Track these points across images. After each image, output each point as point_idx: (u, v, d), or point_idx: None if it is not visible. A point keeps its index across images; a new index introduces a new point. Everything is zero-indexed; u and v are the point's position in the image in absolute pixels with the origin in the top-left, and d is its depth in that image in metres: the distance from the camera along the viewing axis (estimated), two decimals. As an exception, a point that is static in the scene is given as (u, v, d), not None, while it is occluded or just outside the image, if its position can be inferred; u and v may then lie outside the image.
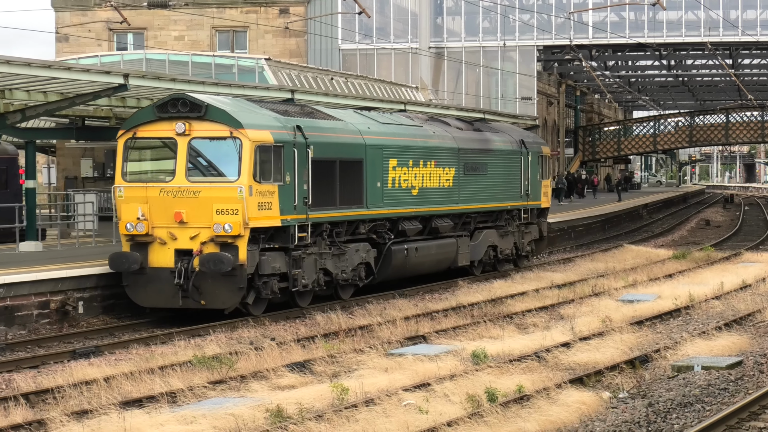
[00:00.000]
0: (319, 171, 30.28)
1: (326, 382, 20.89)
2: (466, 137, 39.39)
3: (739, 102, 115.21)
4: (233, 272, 26.90)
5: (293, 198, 28.94)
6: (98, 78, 31.05)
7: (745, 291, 35.00)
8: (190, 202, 27.26)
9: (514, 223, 42.15)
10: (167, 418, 18.18)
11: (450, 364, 22.65)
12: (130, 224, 27.56)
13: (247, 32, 73.79)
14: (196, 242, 27.21)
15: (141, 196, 27.63)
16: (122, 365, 22.86)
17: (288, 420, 17.78)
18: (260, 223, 27.84)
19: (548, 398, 19.30)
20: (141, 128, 28.11)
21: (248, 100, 31.42)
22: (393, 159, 34.21)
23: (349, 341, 25.98)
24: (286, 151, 28.57)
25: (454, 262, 38.19)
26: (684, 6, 74.50)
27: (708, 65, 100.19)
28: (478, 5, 74.51)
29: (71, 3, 73.74)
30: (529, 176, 42.67)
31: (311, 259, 30.10)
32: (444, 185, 37.21)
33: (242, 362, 23.08)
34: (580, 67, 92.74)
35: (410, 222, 35.50)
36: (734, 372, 22.23)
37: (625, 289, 36.05)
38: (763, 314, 29.70)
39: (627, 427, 17.69)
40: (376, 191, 33.25)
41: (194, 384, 20.74)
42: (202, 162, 27.99)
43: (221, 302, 27.78)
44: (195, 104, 27.40)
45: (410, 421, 17.56)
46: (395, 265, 34.33)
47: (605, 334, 26.38)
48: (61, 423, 17.65)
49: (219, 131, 27.50)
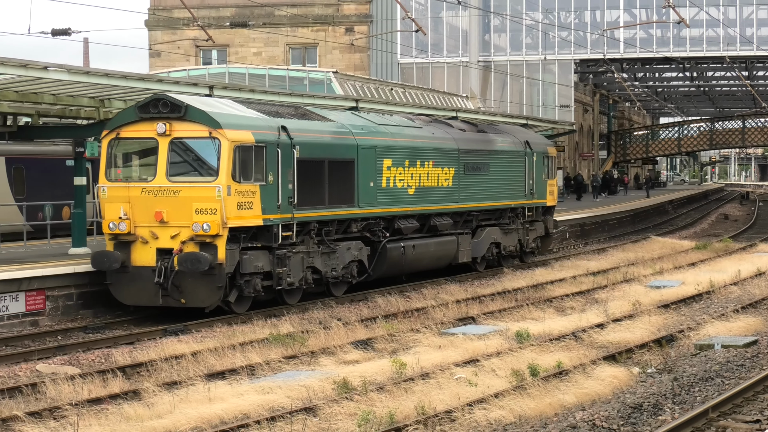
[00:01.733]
0: (305, 170, 27.93)
1: (386, 358, 21.06)
2: (467, 138, 37.04)
3: (754, 109, 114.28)
4: (212, 271, 24.82)
5: (276, 197, 26.71)
6: (186, 89, 30.54)
7: (760, 278, 35.04)
8: (171, 201, 25.21)
9: (519, 221, 39.70)
10: (247, 388, 18.40)
11: (496, 342, 22.76)
12: (112, 223, 25.63)
13: (317, 48, 73.70)
14: (176, 241, 25.14)
15: (123, 196, 25.65)
16: (207, 342, 23.07)
17: (353, 391, 17.93)
18: (240, 223, 25.67)
19: (584, 373, 19.41)
20: (124, 129, 26.14)
21: (236, 101, 28.76)
22: (387, 159, 31.83)
23: (406, 322, 26.07)
24: (268, 151, 26.43)
25: (455, 258, 35.59)
26: (705, 24, 74.25)
27: (726, 77, 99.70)
28: (521, 23, 74.64)
29: (163, 23, 74.03)
30: (534, 175, 40.22)
31: (298, 258, 27.76)
32: (443, 185, 34.81)
33: (312, 340, 23.25)
34: (613, 78, 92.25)
35: (407, 220, 33.00)
36: (750, 350, 22.31)
37: (653, 276, 36.07)
38: (776, 299, 29.53)
39: (654, 399, 17.77)
40: (368, 190, 30.81)
41: (270, 359, 20.96)
42: (182, 162, 25.90)
43: (201, 301, 25.60)
44: (175, 105, 25.43)
45: (461, 393, 17.69)
46: (391, 262, 31.86)
47: (635, 316, 26.42)
48: (154, 393, 17.89)
49: (198, 131, 25.47)
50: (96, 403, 17.54)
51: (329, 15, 75.42)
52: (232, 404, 17.24)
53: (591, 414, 16.88)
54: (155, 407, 17.17)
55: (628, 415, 16.95)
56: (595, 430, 16.08)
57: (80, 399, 17.64)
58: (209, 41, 64.17)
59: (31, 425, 16.02)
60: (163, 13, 73.99)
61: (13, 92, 29.14)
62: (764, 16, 76.02)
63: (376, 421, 15.96)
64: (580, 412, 17.06)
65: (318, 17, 75.29)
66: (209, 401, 17.46)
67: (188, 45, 73.39)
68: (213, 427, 15.97)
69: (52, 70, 26.48)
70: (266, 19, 73.20)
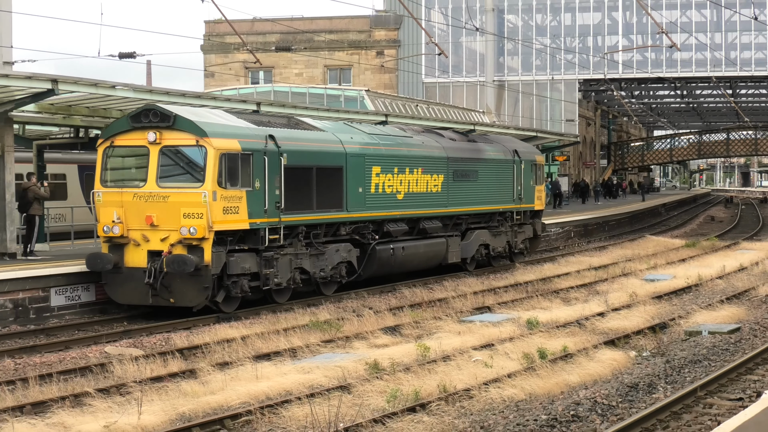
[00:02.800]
0: (293, 177, 26.16)
1: (412, 342, 21.01)
2: (456, 147, 34.74)
3: (737, 123, 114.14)
4: (198, 272, 23.25)
5: (263, 202, 24.94)
6: (237, 105, 30.52)
7: (743, 272, 34.80)
8: (160, 206, 23.62)
9: (507, 224, 37.31)
10: (289, 368, 18.47)
11: (509, 329, 22.71)
12: (107, 227, 24.10)
13: (351, 69, 73.85)
14: (166, 244, 23.50)
15: (117, 201, 24.10)
16: (255, 327, 23.02)
17: (382, 371, 17.93)
18: (226, 227, 23.92)
19: (587, 356, 19.40)
20: (118, 137, 24.56)
21: (226, 111, 27.24)
22: (376, 166, 29.73)
23: (429, 310, 25.95)
24: (255, 159, 24.72)
25: (445, 259, 33.42)
26: (694, 48, 74.12)
27: (713, 94, 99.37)
28: (531, 47, 74.60)
29: (216, 47, 74.29)
30: (522, 182, 37.77)
31: (286, 259, 26.01)
32: (432, 190, 32.55)
33: (347, 326, 23.23)
34: (612, 95, 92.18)
35: (396, 224, 30.91)
36: (734, 336, 22.25)
37: (648, 270, 35.83)
38: (756, 291, 29.53)
39: (649, 379, 17.75)
40: (357, 196, 28.83)
41: (310, 342, 20.92)
42: (171, 168, 24.10)
43: (188, 300, 23.87)
44: (164, 115, 23.93)
45: (478, 373, 17.70)
46: (380, 263, 29.88)
47: (632, 306, 26.33)
48: (208, 372, 17.96)
49: (186, 140, 23.82)
50: (157, 381, 17.64)
51: (362, 40, 75.52)
52: (276, 382, 17.27)
53: (593, 392, 16.86)
54: (209, 385, 17.26)
55: (625, 393, 16.93)
56: (596, 406, 16.05)
57: (143, 377, 17.74)
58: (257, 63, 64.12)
59: (100, 400, 16.13)
60: (216, 38, 74.24)
61: (84, 108, 29.33)
62: (747, 41, 75.82)
63: (403, 398, 15.99)
64: (583, 390, 17.07)
65: (352, 42, 75.41)
66: (256, 380, 17.51)
67: (238, 67, 73.58)
68: (260, 402, 16.01)
69: (119, 89, 26.64)
70: (307, 44, 73.31)
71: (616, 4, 76.07)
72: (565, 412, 15.61)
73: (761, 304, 27.62)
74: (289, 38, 72.30)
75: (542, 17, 76.98)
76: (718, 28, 75.60)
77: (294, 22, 72.42)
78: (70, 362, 19.65)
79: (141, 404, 15.68)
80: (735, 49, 75.88)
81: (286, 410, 15.57)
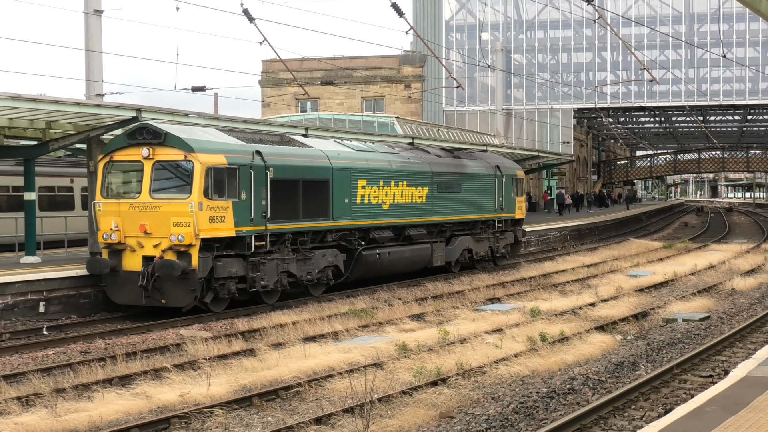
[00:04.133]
0: (280, 189, 24.34)
1: (434, 327, 21.06)
2: (440, 162, 32.47)
3: (707, 145, 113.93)
4: (186, 276, 21.57)
5: (249, 212, 23.11)
6: (288, 130, 30.26)
7: (712, 269, 34.73)
8: (153, 215, 21.95)
9: (490, 231, 35.09)
10: (332, 348, 18.56)
11: (515, 316, 22.73)
12: (106, 234, 22.36)
13: (383, 100, 73.88)
14: (158, 250, 21.85)
15: (115, 210, 22.42)
16: (303, 314, 23.16)
17: (409, 351, 18.00)
18: (212, 234, 22.12)
19: (580, 339, 19.42)
20: (116, 153, 22.88)
21: (220, 129, 25.34)
22: (362, 180, 27.73)
23: (449, 301, 25.95)
24: (241, 172, 22.90)
25: (430, 262, 31.22)
26: (671, 81, 73.88)
27: (686, 120, 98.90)
28: (534, 81, 74.73)
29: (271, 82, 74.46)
30: (504, 194, 35.53)
31: (273, 264, 24.10)
32: (417, 201, 30.41)
33: (380, 313, 23.30)
34: (602, 121, 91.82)
35: (382, 231, 28.77)
36: (704, 323, 22.29)
37: (631, 268, 35.69)
38: (724, 285, 29.41)
39: (633, 359, 17.79)
40: (343, 206, 26.87)
41: (349, 327, 21.09)
42: (163, 181, 22.41)
43: (178, 301, 22.07)
44: (156, 132, 22.32)
45: (489, 353, 17.74)
46: (367, 267, 27.84)
47: (618, 298, 26.34)
48: (264, 351, 18.07)
49: (175, 155, 22.07)
50: (223, 358, 17.72)
51: (393, 76, 75.52)
52: (321, 360, 17.32)
53: (585, 369, 16.86)
54: (266, 361, 17.33)
55: (612, 370, 16.93)
56: (588, 381, 16.03)
57: (211, 355, 17.82)
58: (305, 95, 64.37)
59: (176, 374, 16.25)
60: (272, 74, 74.41)
61: (162, 132, 29.42)
62: (716, 75, 75.44)
63: (427, 374, 16.00)
64: (578, 368, 17.09)
65: (385, 77, 75.42)
66: (305, 358, 17.56)
67: (290, 98, 73.74)
68: (308, 376, 16.08)
69: (192, 116, 26.81)
70: (347, 78, 73.46)
71: (605, 45, 75.85)
72: (563, 386, 15.63)
73: (728, 296, 27.52)
74: (332, 74, 72.42)
75: (543, 56, 76.84)
76: (691, 64, 75.22)
77: (336, 61, 72.53)
78: (151, 342, 19.80)
79: (210, 377, 15.81)
80: (705, 82, 75.50)
81: (329, 383, 15.66)
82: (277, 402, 14.81)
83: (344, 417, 13.43)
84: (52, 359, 18.15)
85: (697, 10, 74.25)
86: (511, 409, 14.16)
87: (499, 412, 13.96)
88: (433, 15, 76.48)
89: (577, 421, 13.20)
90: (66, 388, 15.26)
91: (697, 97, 75.08)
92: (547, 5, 75.46)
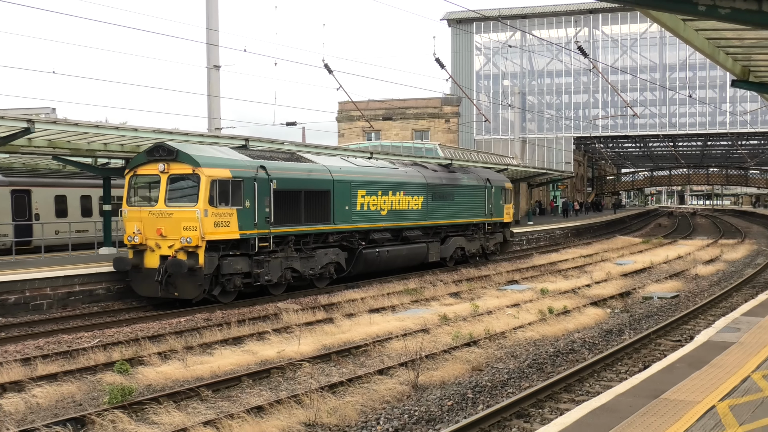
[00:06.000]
0: (283, 198, 21.96)
1: (467, 302, 21.06)
2: (435, 176, 29.69)
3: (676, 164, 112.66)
4: (194, 272, 19.65)
5: (253, 217, 20.84)
6: (360, 154, 29.91)
7: (680, 259, 34.28)
8: (167, 221, 20.02)
9: (480, 232, 32.27)
10: (390, 318, 18.60)
11: (529, 294, 22.63)
12: (130, 236, 20.41)
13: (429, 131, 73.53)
14: (172, 250, 19.88)
15: (137, 216, 20.48)
16: (369, 292, 23.28)
17: (449, 320, 18.06)
18: (217, 237, 19.95)
19: (579, 312, 19.31)
20: (139, 168, 20.84)
21: (232, 147, 23.18)
22: (362, 190, 25.27)
23: (478, 282, 25.98)
24: (245, 184, 20.67)
25: (426, 258, 28.39)
26: (648, 116, 72.79)
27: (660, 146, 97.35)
28: (543, 117, 74.20)
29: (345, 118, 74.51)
30: (493, 201, 32.75)
31: (276, 261, 21.81)
32: (413, 208, 27.79)
33: (426, 291, 23.29)
34: (595, 146, 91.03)
35: (381, 233, 26.25)
36: (674, 300, 22.08)
37: (618, 258, 35.38)
38: (689, 271, 29.03)
39: (619, 327, 17.68)
40: (343, 212, 24.43)
41: (403, 302, 21.11)
42: (175, 192, 20.30)
43: (188, 294, 19.92)
44: (170, 150, 20.29)
45: (510, 322, 17.71)
46: (367, 263, 25.34)
47: (608, 280, 26.14)
48: (340, 319, 18.19)
49: (185, 169, 20.01)
50: (309, 325, 17.81)
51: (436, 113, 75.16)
52: (382, 327, 17.35)
53: (583, 335, 16.77)
54: (341, 327, 17.40)
55: (603, 336, 16.82)
56: (585, 343, 15.95)
57: (300, 322, 17.98)
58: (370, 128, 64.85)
59: (275, 335, 16.42)
60: (345, 112, 74.59)
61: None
62: (683, 111, 74.07)
63: (462, 337, 15.98)
64: (577, 333, 16.98)
65: (430, 114, 75.09)
66: (370, 325, 17.61)
67: (359, 130, 73.90)
68: (373, 338, 16.14)
69: (287, 144, 27.08)
70: (401, 115, 73.35)
71: (597, 88, 74.92)
72: (565, 347, 15.57)
73: (692, 279, 27.16)
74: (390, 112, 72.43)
75: (550, 97, 76.09)
76: (664, 103, 74.05)
77: (393, 102, 72.57)
78: (256, 312, 19.95)
79: (299, 339, 15.95)
80: (675, 116, 74.27)
81: (389, 344, 15.67)
82: (349, 357, 14.87)
83: (400, 369, 13.45)
84: (183, 325, 18.42)
85: (668, 61, 73.18)
86: (526, 365, 14.15)
87: (517, 367, 13.95)
88: (467, 67, 76.20)
89: (577, 374, 13.15)
90: (193, 346, 15.48)
91: (668, 127, 73.98)
92: (553, 59, 74.89)
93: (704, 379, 10.18)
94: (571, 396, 12.15)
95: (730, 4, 8.79)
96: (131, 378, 13.22)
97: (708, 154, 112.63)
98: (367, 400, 11.66)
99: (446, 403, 11.66)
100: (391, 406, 11.52)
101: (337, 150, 30.08)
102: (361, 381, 12.75)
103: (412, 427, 10.68)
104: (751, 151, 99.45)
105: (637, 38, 73.45)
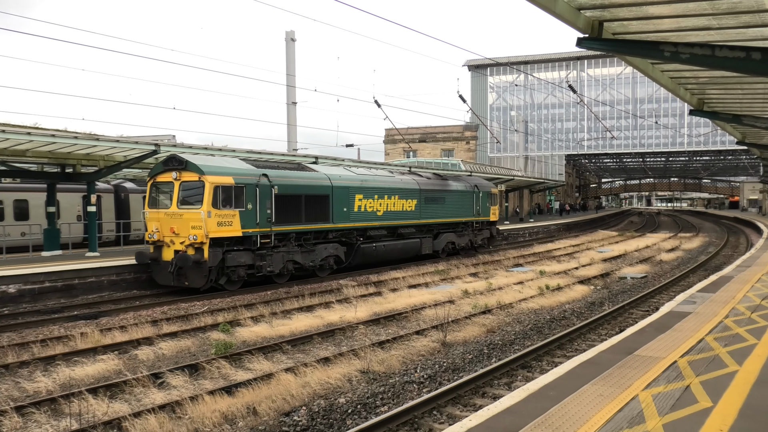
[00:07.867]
0: (284, 201, 19.96)
1: (483, 280, 20.84)
2: (427, 182, 27.42)
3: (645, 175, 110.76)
4: (200, 265, 18.03)
5: (255, 218, 18.97)
6: (400, 168, 29.41)
7: (648, 248, 33.56)
8: (179, 221, 18.39)
9: (469, 229, 29.80)
10: (423, 292, 18.43)
11: (531, 275, 22.32)
12: (150, 234, 18.81)
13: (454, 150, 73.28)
14: (183, 246, 18.21)
15: (156, 217, 18.86)
16: (408, 272, 23.17)
17: (469, 294, 17.87)
18: (220, 234, 18.20)
19: (569, 288, 19.03)
20: (158, 176, 19.16)
21: (239, 158, 20.87)
22: (359, 194, 23.08)
23: (491, 265, 25.71)
24: (248, 189, 18.81)
25: (419, 252, 26.00)
26: (623, 138, 71.53)
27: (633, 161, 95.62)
28: (542, 138, 73.35)
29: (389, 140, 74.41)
30: (480, 203, 30.33)
31: (279, 255, 19.82)
32: (407, 209, 25.52)
33: (452, 272, 23.15)
34: (581, 161, 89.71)
35: (377, 230, 24.00)
36: (643, 280, 21.58)
37: (600, 246, 34.78)
38: (655, 257, 28.40)
39: (600, 300, 17.33)
40: (342, 213, 22.21)
41: (434, 280, 20.95)
42: (186, 197, 18.44)
43: (196, 283, 18.21)
44: (181, 161, 18.61)
45: (516, 296, 17.48)
46: (365, 256, 23.14)
47: (592, 264, 25.73)
48: (386, 293, 18.18)
49: (193, 177, 18.31)
50: (363, 297, 17.81)
51: (459, 136, 74.55)
52: (418, 299, 17.22)
53: (572, 306, 16.53)
54: (387, 299, 17.35)
55: (588, 307, 16.55)
56: (574, 312, 15.73)
57: (356, 295, 17.97)
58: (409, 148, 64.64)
59: (337, 305, 16.45)
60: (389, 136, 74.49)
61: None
62: (651, 134, 72.47)
63: (479, 307, 15.86)
64: (568, 305, 16.72)
65: (455, 137, 74.50)
66: (409, 297, 17.50)
67: (400, 150, 73.70)
68: (411, 307, 16.07)
69: (347, 161, 27.12)
70: (433, 138, 73.01)
71: (584, 117, 73.77)
72: (558, 315, 15.38)
73: (658, 264, 26.55)
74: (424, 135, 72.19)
75: (547, 124, 75.09)
76: (636, 128, 72.57)
77: (426, 128, 72.37)
78: (324, 287, 19.95)
79: (356, 307, 15.97)
80: (644, 138, 72.77)
81: (423, 312, 15.57)
82: (393, 321, 14.86)
83: (432, 330, 13.42)
84: (269, 296, 18.53)
85: (639, 95, 71.86)
86: (529, 328, 14.01)
87: (521, 330, 13.82)
88: (482, 101, 75.71)
89: (568, 336, 12.99)
90: (277, 312, 15.62)
91: (639, 147, 72.58)
92: (549, 95, 74.02)
93: (668, 340, 9.99)
94: (564, 352, 12.01)
95: (689, 50, 8.72)
96: (231, 336, 13.41)
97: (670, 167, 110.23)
98: (407, 354, 11.64)
99: (467, 357, 11.60)
100: (425, 358, 11.50)
101: (384, 164, 29.75)
102: (402, 339, 12.71)
103: (442, 374, 10.67)
104: (703, 165, 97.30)
105: (615, 78, 72.33)
